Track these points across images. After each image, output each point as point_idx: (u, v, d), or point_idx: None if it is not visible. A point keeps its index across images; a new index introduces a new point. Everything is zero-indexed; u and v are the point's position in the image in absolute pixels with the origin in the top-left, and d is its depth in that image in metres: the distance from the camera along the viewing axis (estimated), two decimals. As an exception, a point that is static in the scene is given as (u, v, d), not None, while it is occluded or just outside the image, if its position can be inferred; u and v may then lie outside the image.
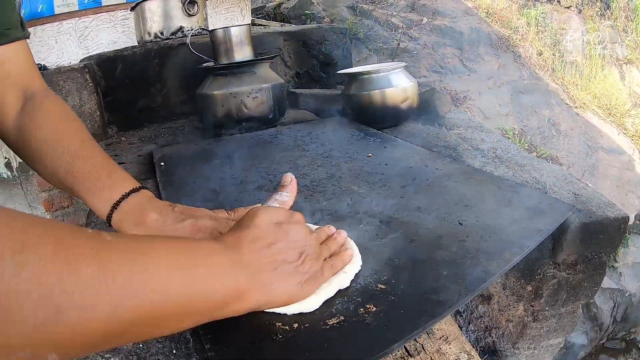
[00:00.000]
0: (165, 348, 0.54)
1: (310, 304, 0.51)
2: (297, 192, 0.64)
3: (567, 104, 4.56)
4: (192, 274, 0.40)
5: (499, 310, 1.07)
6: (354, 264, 0.59)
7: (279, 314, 0.51)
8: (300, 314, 0.51)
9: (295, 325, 0.50)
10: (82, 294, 0.30)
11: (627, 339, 3.86)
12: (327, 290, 0.53)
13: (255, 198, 0.90)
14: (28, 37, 0.75)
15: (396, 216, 0.77)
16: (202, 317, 0.42)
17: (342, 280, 0.56)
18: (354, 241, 0.64)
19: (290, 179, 0.65)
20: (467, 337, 1.20)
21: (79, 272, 0.30)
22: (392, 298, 0.53)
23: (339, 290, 0.55)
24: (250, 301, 0.45)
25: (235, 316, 0.51)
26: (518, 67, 4.67)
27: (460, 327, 1.17)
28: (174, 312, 0.38)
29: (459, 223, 0.73)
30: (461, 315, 1.20)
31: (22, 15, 0.73)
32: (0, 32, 0.67)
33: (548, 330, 1.06)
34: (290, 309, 0.51)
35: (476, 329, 1.17)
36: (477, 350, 1.11)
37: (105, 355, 0.52)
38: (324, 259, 0.54)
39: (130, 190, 0.65)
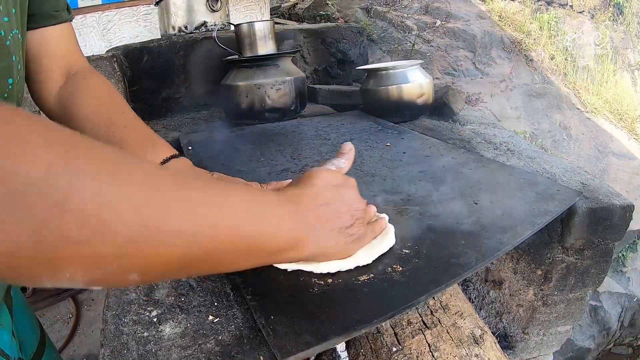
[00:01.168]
0: (207, 301, 0.58)
1: (346, 263, 0.56)
2: (354, 162, 0.66)
3: (578, 108, 4.59)
4: (260, 218, 0.43)
5: (510, 295, 1.12)
6: (390, 239, 0.63)
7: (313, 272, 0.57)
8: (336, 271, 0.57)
9: (330, 280, 0.55)
10: (168, 219, 0.34)
11: (634, 344, 3.86)
12: (365, 259, 0.58)
13: (282, 178, 0.96)
14: (72, 20, 0.79)
15: (417, 195, 0.82)
16: (262, 259, 0.46)
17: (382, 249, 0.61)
18: None
19: (349, 148, 0.67)
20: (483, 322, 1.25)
21: (166, 201, 0.34)
22: (417, 260, 0.58)
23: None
24: (303, 251, 0.48)
25: (275, 272, 0.57)
26: (530, 71, 4.70)
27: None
28: (241, 249, 0.41)
29: (474, 203, 0.78)
30: (473, 302, 1.24)
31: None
32: (51, 14, 0.72)
33: (557, 316, 1.11)
34: (328, 267, 0.56)
35: (488, 314, 1.22)
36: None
37: (148, 308, 0.57)
38: (367, 223, 0.58)
39: (172, 156, 0.71)
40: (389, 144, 1.18)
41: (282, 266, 0.58)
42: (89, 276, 0.31)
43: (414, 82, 1.49)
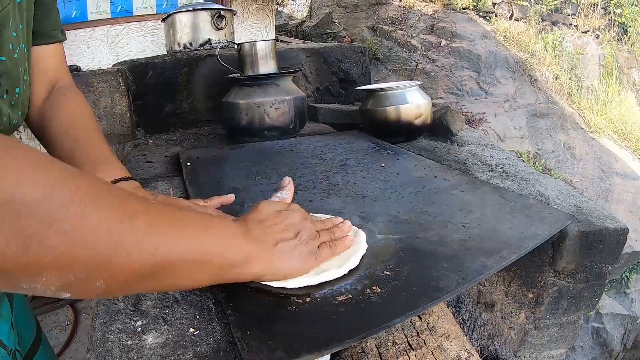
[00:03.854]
0: (189, 314, 0.61)
1: (312, 279, 0.59)
2: (295, 192, 0.77)
3: (582, 128, 4.59)
4: (213, 237, 0.50)
5: (502, 317, 1.12)
6: (360, 249, 0.66)
7: (291, 288, 0.58)
8: (309, 290, 0.58)
9: (308, 299, 0.57)
10: (133, 242, 0.40)
11: (638, 367, 3.81)
12: (334, 272, 0.61)
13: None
14: (65, 40, 0.85)
15: (405, 217, 0.83)
16: (217, 275, 0.51)
17: (350, 263, 0.63)
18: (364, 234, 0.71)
19: (288, 181, 0.76)
20: (470, 345, 1.25)
21: (133, 226, 0.41)
22: (396, 282, 0.59)
23: (349, 272, 0.62)
24: (255, 268, 0.53)
25: (258, 289, 0.58)
26: (534, 91, 4.72)
27: (464, 335, 1.22)
28: (196, 265, 0.47)
29: (462, 225, 0.79)
30: (465, 323, 1.24)
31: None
32: (50, 34, 0.79)
33: (549, 340, 1.10)
34: (296, 282, 0.58)
35: (480, 337, 1.22)
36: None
37: (134, 318, 0.60)
38: (324, 242, 0.62)
39: (121, 178, 0.77)
40: (384, 164, 1.19)
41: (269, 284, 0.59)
42: (60, 282, 0.37)
43: (412, 102, 1.50)
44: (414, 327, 0.81)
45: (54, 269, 0.36)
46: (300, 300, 0.56)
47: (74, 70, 1.72)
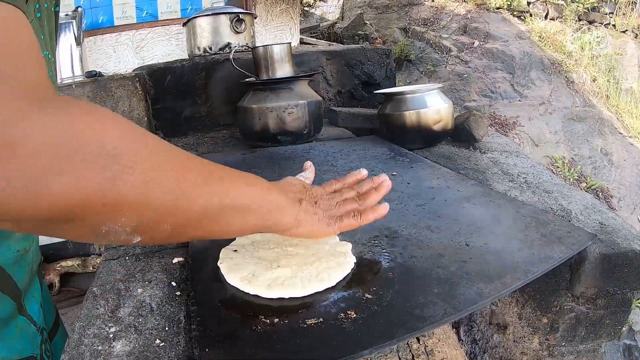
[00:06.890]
0: (160, 325, 0.62)
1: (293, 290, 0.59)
2: (314, 174, 0.83)
3: (620, 133, 4.38)
4: (253, 189, 0.55)
5: (514, 341, 1.05)
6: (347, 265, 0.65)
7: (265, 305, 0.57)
8: (284, 311, 0.56)
9: (276, 320, 0.54)
10: (194, 185, 0.45)
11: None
12: (316, 286, 0.60)
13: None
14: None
15: (403, 233, 0.78)
16: (258, 221, 0.55)
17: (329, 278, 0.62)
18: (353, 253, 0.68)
19: (310, 164, 0.84)
20: (485, 364, 1.18)
21: (193, 175, 0.46)
22: (375, 308, 0.55)
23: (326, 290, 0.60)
24: (286, 217, 0.59)
25: (229, 306, 0.59)
26: (571, 94, 4.53)
27: (475, 356, 1.15)
28: (240, 212, 0.51)
29: (466, 244, 0.74)
30: (477, 343, 1.18)
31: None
32: None
33: (566, 368, 1.03)
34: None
35: (491, 359, 1.15)
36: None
37: (109, 324, 0.62)
38: (348, 211, 0.66)
39: None
40: (395, 173, 1.14)
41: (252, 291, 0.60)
42: (136, 222, 0.41)
43: (431, 107, 1.44)
44: (410, 350, 0.76)
45: (133, 208, 0.39)
46: (268, 321, 0.54)
47: (94, 75, 1.74)
